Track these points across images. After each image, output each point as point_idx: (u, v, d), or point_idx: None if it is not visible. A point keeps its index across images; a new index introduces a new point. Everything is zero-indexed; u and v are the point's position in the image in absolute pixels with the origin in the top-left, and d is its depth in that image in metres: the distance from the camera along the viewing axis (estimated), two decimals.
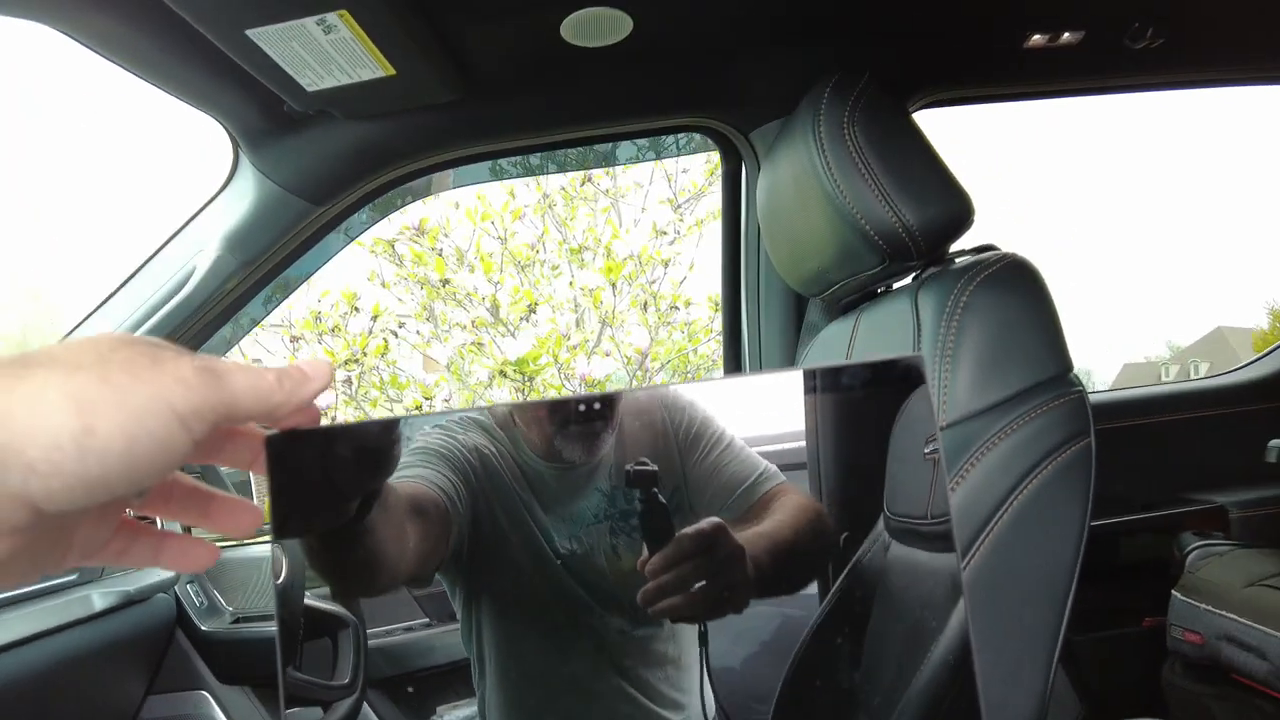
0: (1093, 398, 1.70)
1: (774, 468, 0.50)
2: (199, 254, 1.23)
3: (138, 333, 1.21)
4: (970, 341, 0.80)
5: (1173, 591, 1.23)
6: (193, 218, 1.26)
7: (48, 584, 1.00)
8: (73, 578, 1.04)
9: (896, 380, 0.51)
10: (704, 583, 0.49)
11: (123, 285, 1.25)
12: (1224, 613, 1.12)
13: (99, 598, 1.05)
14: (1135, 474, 1.54)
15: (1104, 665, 1.42)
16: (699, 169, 2.66)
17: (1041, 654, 0.77)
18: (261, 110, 1.15)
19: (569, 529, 0.51)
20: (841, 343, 1.09)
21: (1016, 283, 0.83)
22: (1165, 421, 1.57)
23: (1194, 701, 1.18)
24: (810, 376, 0.51)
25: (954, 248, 0.97)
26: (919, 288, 0.89)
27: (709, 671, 0.54)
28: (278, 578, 0.50)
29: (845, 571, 0.52)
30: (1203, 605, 1.15)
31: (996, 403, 0.78)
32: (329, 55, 1.02)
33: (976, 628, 0.75)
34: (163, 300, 1.22)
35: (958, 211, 0.92)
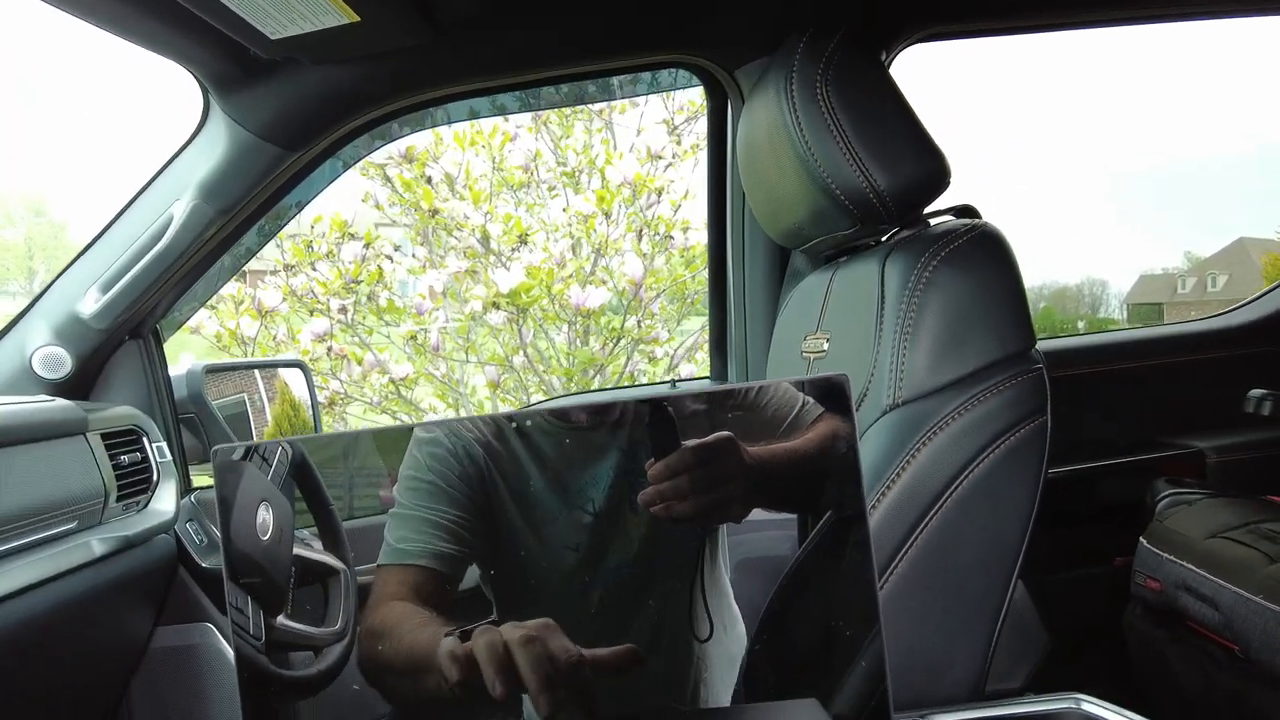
0: (1078, 340, 1.71)
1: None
2: (175, 202, 1.22)
3: (120, 283, 1.22)
4: (930, 319, 0.79)
5: (1140, 539, 1.25)
6: (167, 165, 1.24)
7: (46, 534, 1.04)
8: (72, 525, 1.09)
9: (824, 395, 0.52)
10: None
11: (103, 233, 1.25)
12: (1184, 563, 1.15)
13: (98, 543, 1.09)
14: (1117, 417, 1.55)
15: (1074, 602, 1.47)
16: (697, 89, 2.57)
17: (985, 621, 0.80)
18: (228, 57, 1.11)
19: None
20: (818, 297, 1.09)
21: (982, 257, 0.82)
22: (1148, 366, 1.57)
23: (1151, 644, 1.23)
24: (747, 392, 0.53)
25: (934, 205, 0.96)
26: (888, 254, 0.88)
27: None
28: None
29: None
30: (1165, 555, 1.18)
31: (952, 381, 0.79)
32: (289, 3, 0.99)
33: (920, 597, 0.78)
34: (143, 249, 1.22)
35: (931, 174, 0.90)
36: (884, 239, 1.00)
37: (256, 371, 1.76)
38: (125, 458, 1.20)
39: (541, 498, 0.53)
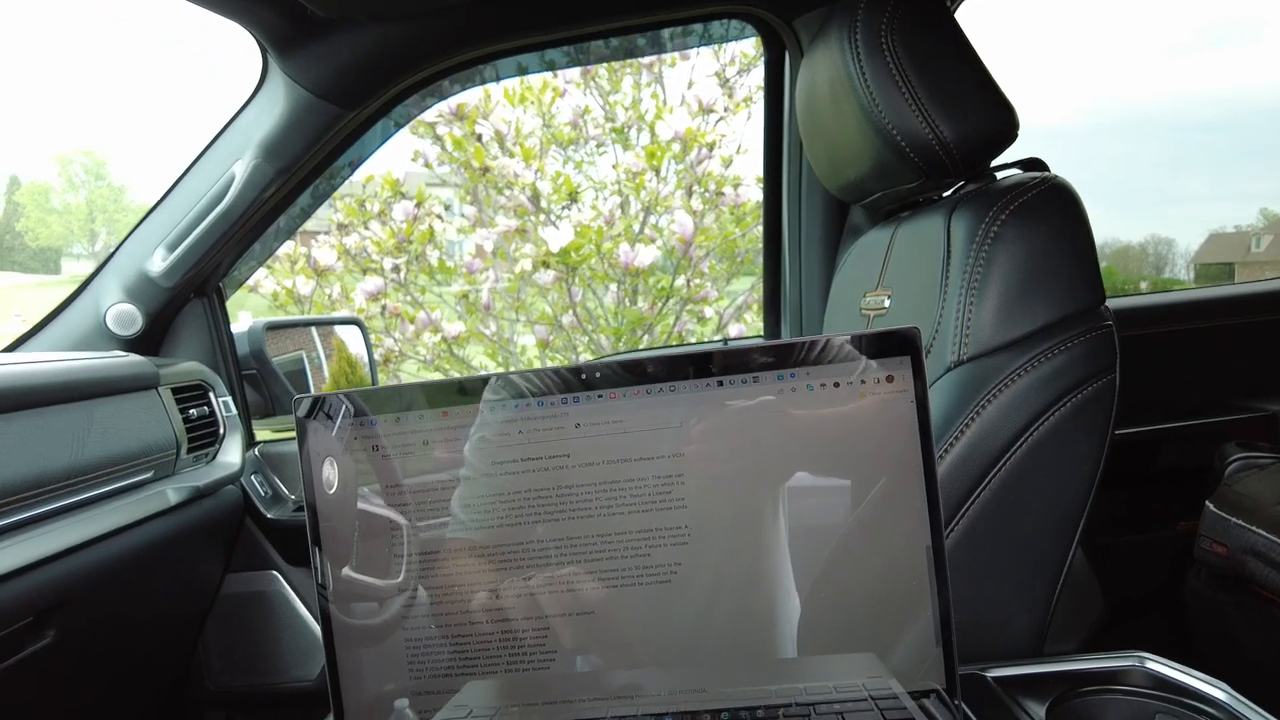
0: (1146, 299, 1.65)
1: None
2: (237, 162, 1.24)
3: (185, 241, 1.25)
4: (997, 274, 0.77)
5: (1206, 502, 1.22)
6: (228, 124, 1.26)
7: (126, 482, 1.09)
8: (148, 475, 1.13)
9: (892, 348, 0.51)
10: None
11: (168, 193, 1.28)
12: (1253, 528, 1.11)
13: (172, 492, 1.14)
14: (1185, 379, 1.50)
15: (1133, 566, 1.44)
16: (749, 39, 2.52)
17: (1045, 581, 0.79)
18: (287, 16, 1.12)
19: None
20: (879, 253, 1.07)
21: (1052, 211, 0.79)
22: (1220, 326, 1.51)
23: (1214, 609, 1.20)
24: (813, 345, 0.52)
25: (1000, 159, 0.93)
26: (953, 208, 0.86)
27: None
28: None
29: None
30: (1233, 519, 1.15)
31: (1019, 337, 0.77)
32: None
33: (981, 554, 0.77)
34: (207, 208, 1.25)
35: (999, 126, 0.87)
36: (948, 193, 0.97)
37: (314, 329, 1.80)
38: (194, 411, 1.24)
39: (609, 448, 0.53)
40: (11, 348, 1.28)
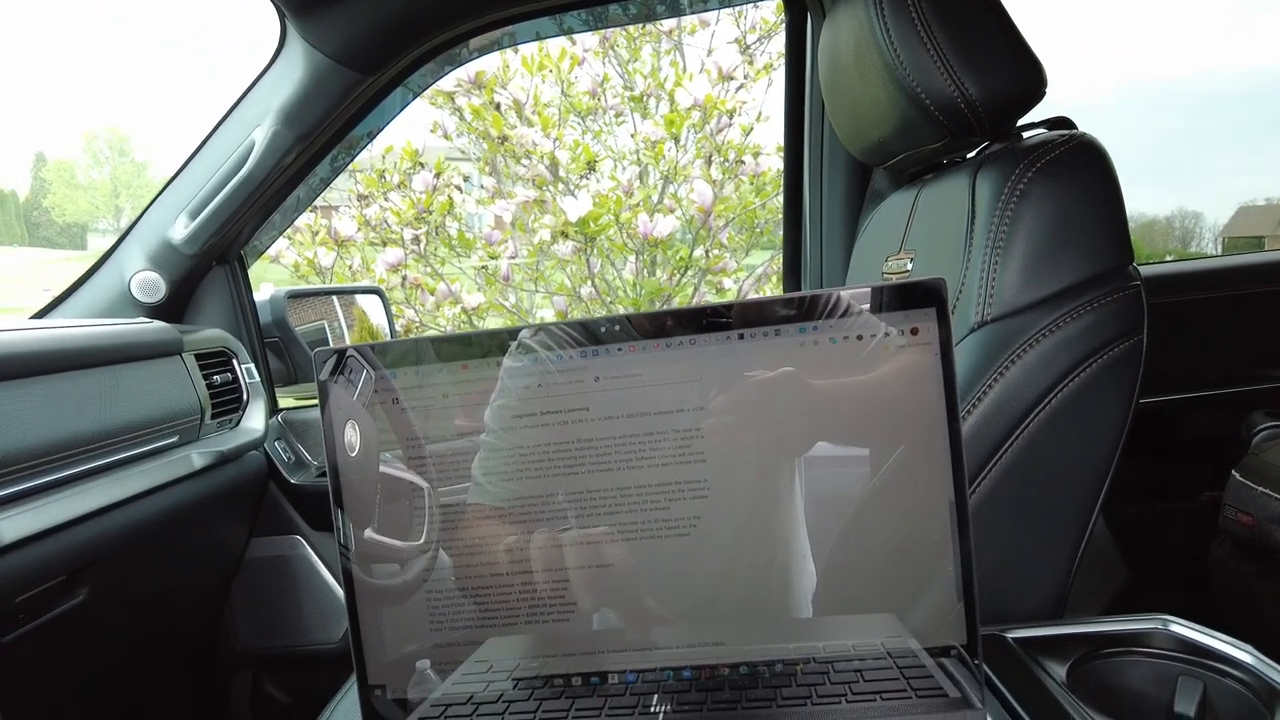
0: (1172, 267, 1.61)
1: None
2: (256, 129, 1.24)
3: (207, 209, 1.26)
4: (1023, 232, 0.76)
5: (1232, 471, 1.20)
6: (247, 92, 1.26)
7: (152, 446, 1.10)
8: (174, 440, 1.15)
9: (917, 299, 0.51)
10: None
11: (188, 163, 1.29)
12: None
13: (198, 457, 1.15)
14: (1211, 348, 1.47)
15: (1158, 537, 1.43)
16: (770, 4, 2.48)
17: (1067, 545, 0.79)
18: None
19: None
20: (901, 216, 1.06)
21: (1079, 168, 0.77)
22: (1247, 294, 1.48)
23: (1238, 579, 1.19)
24: (836, 298, 0.52)
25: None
26: (979, 167, 0.84)
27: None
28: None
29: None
30: (1260, 488, 1.13)
31: (1045, 297, 0.76)
32: None
33: (1004, 516, 0.77)
34: (228, 175, 1.26)
35: (1027, 84, 0.85)
36: (973, 153, 0.95)
37: (336, 298, 1.81)
38: (217, 378, 1.26)
39: (628, 402, 0.53)
40: (39, 315, 1.30)
